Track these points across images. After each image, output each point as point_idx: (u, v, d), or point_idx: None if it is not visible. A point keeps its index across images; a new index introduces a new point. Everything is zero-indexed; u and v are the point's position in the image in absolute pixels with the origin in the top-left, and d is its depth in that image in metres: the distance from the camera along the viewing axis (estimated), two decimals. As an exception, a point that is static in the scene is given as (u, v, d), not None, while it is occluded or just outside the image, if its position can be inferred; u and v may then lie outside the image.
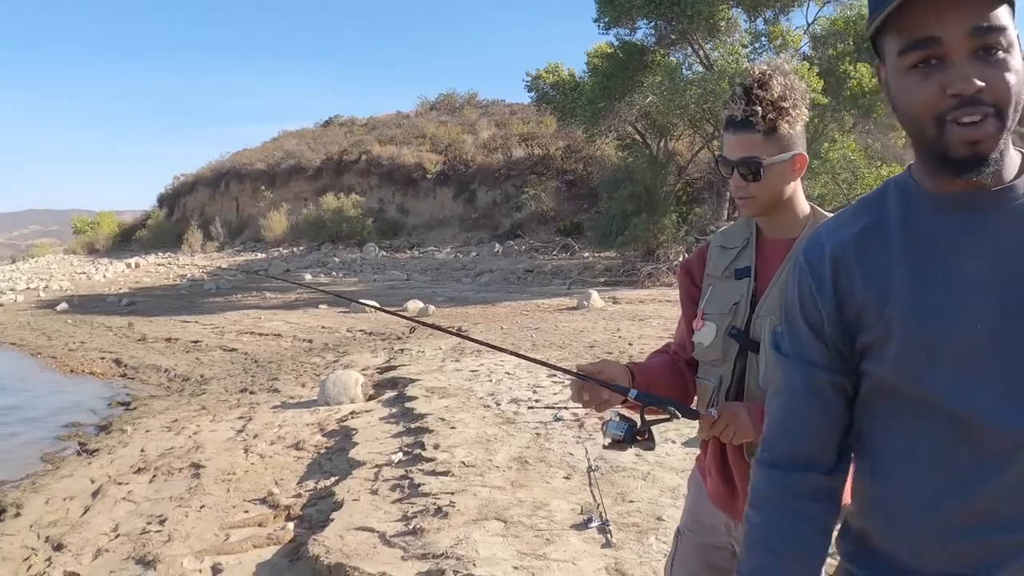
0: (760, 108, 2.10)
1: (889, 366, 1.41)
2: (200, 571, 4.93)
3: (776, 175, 2.16)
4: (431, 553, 4.58)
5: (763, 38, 25.34)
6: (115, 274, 38.39)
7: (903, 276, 1.38)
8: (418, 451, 6.78)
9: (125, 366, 14.82)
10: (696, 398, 2.36)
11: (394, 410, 8.65)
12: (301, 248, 41.28)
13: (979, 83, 1.24)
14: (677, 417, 2.16)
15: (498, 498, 5.45)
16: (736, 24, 25.29)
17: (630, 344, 11.90)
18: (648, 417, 2.17)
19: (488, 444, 6.79)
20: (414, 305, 18.67)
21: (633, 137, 28.05)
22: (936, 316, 1.35)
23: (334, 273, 31.44)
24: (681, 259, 20.09)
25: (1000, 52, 1.25)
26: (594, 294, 17.70)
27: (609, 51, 26.21)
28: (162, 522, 5.91)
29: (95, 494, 6.91)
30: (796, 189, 2.22)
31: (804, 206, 2.25)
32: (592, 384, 2.16)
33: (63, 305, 24.90)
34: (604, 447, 2.26)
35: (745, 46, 24.60)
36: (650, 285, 21.81)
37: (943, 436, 1.37)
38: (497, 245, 34.20)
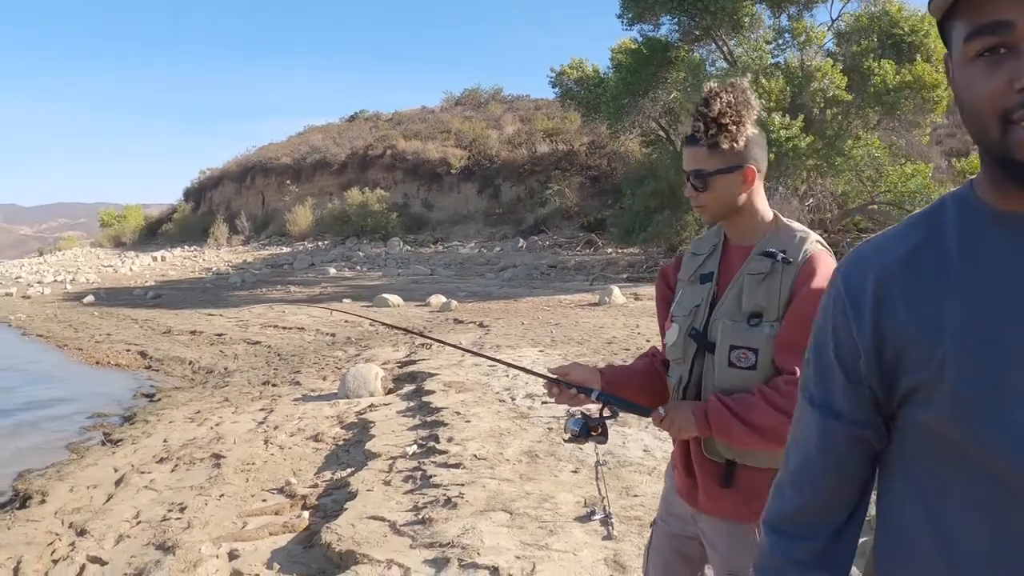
0: (703, 124, 2.26)
1: (939, 414, 1.20)
2: (217, 556, 5.09)
3: (723, 186, 2.30)
4: (438, 542, 4.72)
5: (786, 34, 25.29)
6: (141, 267, 38.86)
7: (960, 309, 1.17)
8: (432, 444, 6.91)
9: (150, 358, 15.08)
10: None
11: (412, 404, 8.79)
12: (326, 242, 41.62)
13: None
14: (616, 416, 2.44)
15: (506, 490, 5.58)
16: (760, 20, 25.28)
17: (647, 340, 11.96)
18: (605, 414, 2.41)
19: (501, 438, 6.92)
20: (437, 300, 18.83)
21: (657, 133, 28.09)
22: (1003, 357, 1.14)
23: (358, 267, 31.67)
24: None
25: None
26: (615, 290, 17.73)
27: (633, 47, 26.24)
28: (182, 510, 6.07)
29: (118, 482, 7.08)
30: (753, 199, 2.35)
31: (765, 214, 2.37)
32: (563, 385, 2.42)
33: (89, 298, 25.28)
34: (564, 441, 2.53)
35: (769, 42, 24.58)
36: (673, 282, 21.84)
37: (1002, 504, 1.15)
38: (521, 240, 34.33)
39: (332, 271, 30.38)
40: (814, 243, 2.26)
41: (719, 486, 2.30)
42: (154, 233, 58.76)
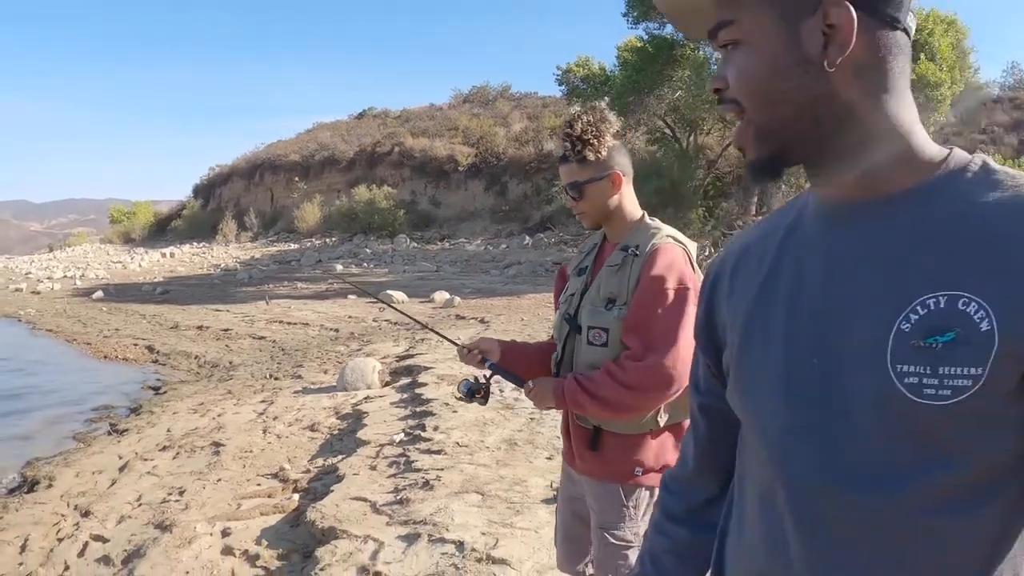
0: (570, 144, 2.63)
1: (732, 395, 1.28)
2: (211, 534, 5.42)
3: (596, 193, 2.67)
4: (412, 519, 5.07)
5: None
6: (150, 263, 39.16)
7: (757, 294, 1.22)
8: (419, 432, 7.27)
9: (157, 352, 15.36)
10: None
11: (405, 395, 9.12)
12: (333, 239, 41.87)
13: (716, 84, 1.16)
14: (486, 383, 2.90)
15: (482, 474, 5.94)
16: (764, 19, 25.50)
17: (640, 336, 12.21)
18: (491, 381, 2.89)
19: (484, 427, 7.25)
20: (440, 296, 19.11)
21: (663, 131, 28.24)
22: (772, 347, 1.18)
23: (365, 264, 31.87)
24: (708, 253, 20.36)
25: (732, 47, 1.13)
26: (617, 286, 17.88)
27: (639, 45, 26.41)
28: (181, 493, 6.41)
29: (122, 468, 7.41)
30: (622, 201, 2.71)
31: (634, 214, 2.74)
32: (471, 353, 2.86)
33: (99, 293, 25.58)
34: (456, 399, 3.00)
35: (773, 41, 24.76)
36: (676, 277, 21.97)
37: (762, 486, 1.21)
38: (527, 237, 34.53)
39: (339, 268, 30.63)
40: (663, 238, 2.60)
41: (588, 449, 2.67)
42: (163, 229, 59.14)
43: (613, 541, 2.62)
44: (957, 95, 25.56)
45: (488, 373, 2.87)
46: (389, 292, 19.56)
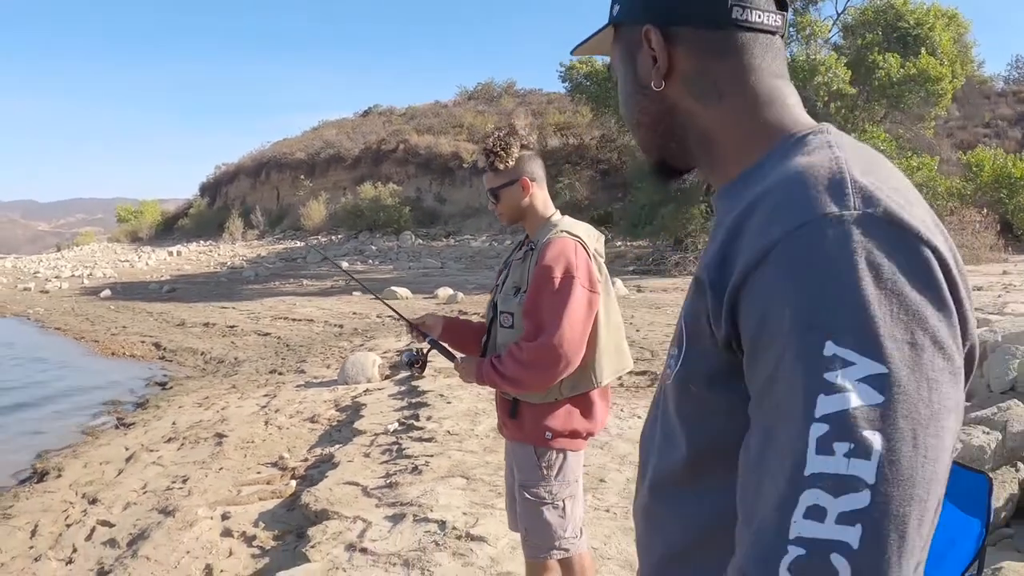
0: (484, 156, 3.01)
1: None
2: (211, 518, 5.70)
3: (508, 197, 3.04)
4: (399, 501, 5.36)
5: (791, 28, 25.58)
6: (157, 262, 39.43)
7: None
8: (412, 422, 7.55)
9: (164, 349, 15.66)
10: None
11: (402, 388, 9.37)
12: (339, 236, 42.06)
13: None
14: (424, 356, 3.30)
15: (468, 460, 6.22)
16: (766, 14, 25.64)
17: (637, 331, 12.46)
18: (428, 355, 3.30)
19: (475, 417, 7.53)
20: (444, 292, 19.36)
21: (666, 127, 28.37)
22: None
23: (370, 261, 32.14)
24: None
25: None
26: (618, 282, 17.99)
27: (641, 43, 26.56)
28: (184, 481, 6.68)
29: (128, 459, 7.68)
30: (532, 202, 3.06)
31: (545, 213, 3.09)
32: (416, 329, 3.24)
33: (106, 292, 25.91)
34: (401, 370, 3.33)
35: (773, 36, 24.88)
36: (677, 274, 22.23)
37: None
38: (530, 234, 34.69)
39: (344, 265, 30.81)
40: (557, 232, 2.96)
41: (509, 417, 3.06)
42: (170, 228, 59.32)
43: (529, 497, 3.02)
44: (959, 89, 25.72)
45: (427, 347, 3.26)
46: (393, 288, 19.80)
